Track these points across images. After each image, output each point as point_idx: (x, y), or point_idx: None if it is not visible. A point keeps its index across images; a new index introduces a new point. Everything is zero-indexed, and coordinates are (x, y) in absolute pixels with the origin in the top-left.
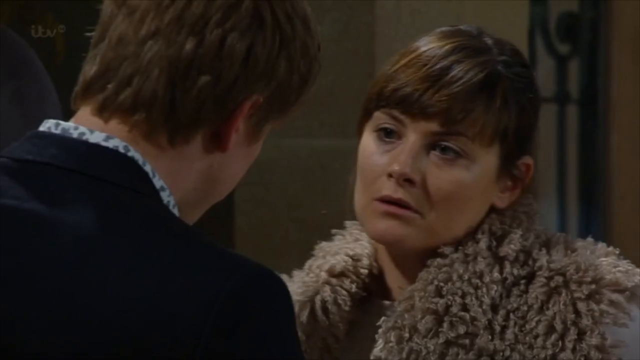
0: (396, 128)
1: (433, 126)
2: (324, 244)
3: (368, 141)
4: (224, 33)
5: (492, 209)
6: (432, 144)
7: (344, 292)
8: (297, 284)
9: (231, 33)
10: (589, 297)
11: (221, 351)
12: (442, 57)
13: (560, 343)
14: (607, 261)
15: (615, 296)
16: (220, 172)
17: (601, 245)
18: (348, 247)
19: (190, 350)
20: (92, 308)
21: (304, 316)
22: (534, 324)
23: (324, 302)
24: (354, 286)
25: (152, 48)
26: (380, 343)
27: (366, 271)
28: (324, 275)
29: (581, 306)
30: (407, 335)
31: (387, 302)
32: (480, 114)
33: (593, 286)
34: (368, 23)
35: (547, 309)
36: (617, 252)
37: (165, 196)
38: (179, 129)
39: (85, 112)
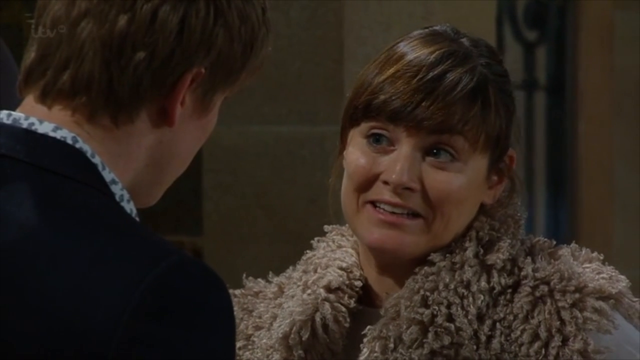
0: (388, 135)
1: (428, 137)
2: (310, 254)
3: (357, 146)
4: (155, 7)
5: (481, 207)
6: (427, 150)
7: (343, 309)
8: (296, 302)
9: (162, 7)
10: (573, 305)
11: (142, 337)
12: (431, 66)
13: (543, 350)
14: (590, 267)
15: (599, 304)
16: (173, 147)
17: (585, 251)
18: (337, 257)
19: (110, 334)
20: (21, 297)
21: (305, 335)
22: (519, 332)
23: (324, 319)
24: (352, 301)
25: (85, 29)
26: (365, 352)
27: (360, 283)
28: (322, 292)
29: (565, 314)
30: (392, 345)
31: (377, 310)
32: (477, 123)
33: (577, 295)
34: (336, 10)
35: (532, 317)
36: (602, 257)
37: (117, 189)
38: (120, 108)
39: (29, 100)
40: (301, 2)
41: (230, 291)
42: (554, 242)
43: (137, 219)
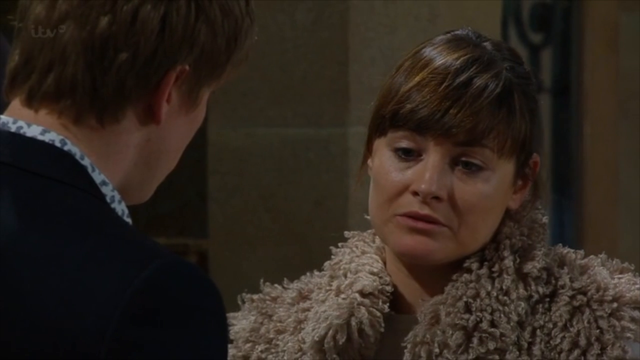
0: (415, 147)
1: (456, 144)
2: (336, 260)
3: (385, 158)
4: (135, 7)
5: (506, 212)
6: (455, 160)
7: (378, 314)
8: (331, 306)
9: (142, 6)
10: (611, 314)
11: (131, 339)
12: (457, 73)
13: (582, 358)
14: (625, 278)
15: (636, 313)
16: (161, 144)
17: (615, 261)
18: (365, 263)
19: (99, 338)
20: (9, 302)
21: (341, 339)
22: (558, 340)
23: (360, 323)
24: (386, 306)
25: (66, 32)
26: (407, 358)
27: (391, 288)
28: (357, 296)
29: (603, 323)
30: (437, 350)
31: (407, 316)
32: (502, 129)
33: (614, 304)
34: (342, 12)
35: (571, 326)
36: (632, 268)
37: (108, 191)
38: (106, 109)
39: (16, 104)
40: (306, 4)
41: (248, 296)
42: (583, 252)
43: (129, 219)
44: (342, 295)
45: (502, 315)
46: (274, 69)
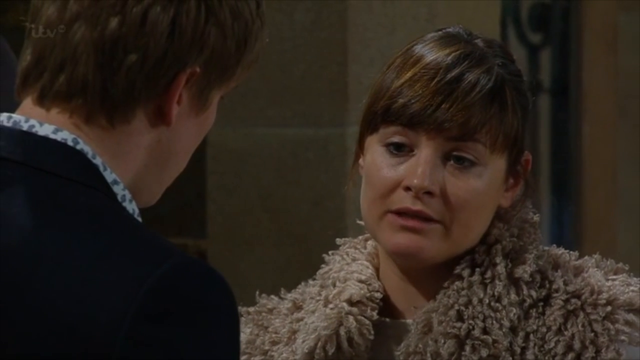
0: (407, 142)
1: (448, 139)
2: (326, 269)
3: (377, 154)
4: (145, 9)
5: (496, 212)
6: (447, 155)
7: (367, 322)
8: (320, 316)
9: (152, 8)
10: (605, 318)
11: (145, 338)
12: (449, 68)
13: None
14: (618, 280)
15: (630, 316)
16: (172, 145)
17: (610, 262)
18: (354, 270)
19: (112, 336)
20: (22, 300)
21: (331, 350)
22: (552, 344)
23: (349, 333)
24: (374, 313)
25: (77, 32)
26: None
27: (380, 295)
28: (345, 305)
29: (597, 327)
30: None
31: (400, 322)
32: (495, 124)
33: (608, 308)
34: (340, 12)
35: (566, 329)
36: (627, 268)
37: (119, 190)
38: (116, 109)
39: (27, 103)
40: (305, 4)
41: (244, 309)
42: (577, 253)
43: (139, 218)
44: (330, 306)
45: (494, 321)
46: (273, 69)
